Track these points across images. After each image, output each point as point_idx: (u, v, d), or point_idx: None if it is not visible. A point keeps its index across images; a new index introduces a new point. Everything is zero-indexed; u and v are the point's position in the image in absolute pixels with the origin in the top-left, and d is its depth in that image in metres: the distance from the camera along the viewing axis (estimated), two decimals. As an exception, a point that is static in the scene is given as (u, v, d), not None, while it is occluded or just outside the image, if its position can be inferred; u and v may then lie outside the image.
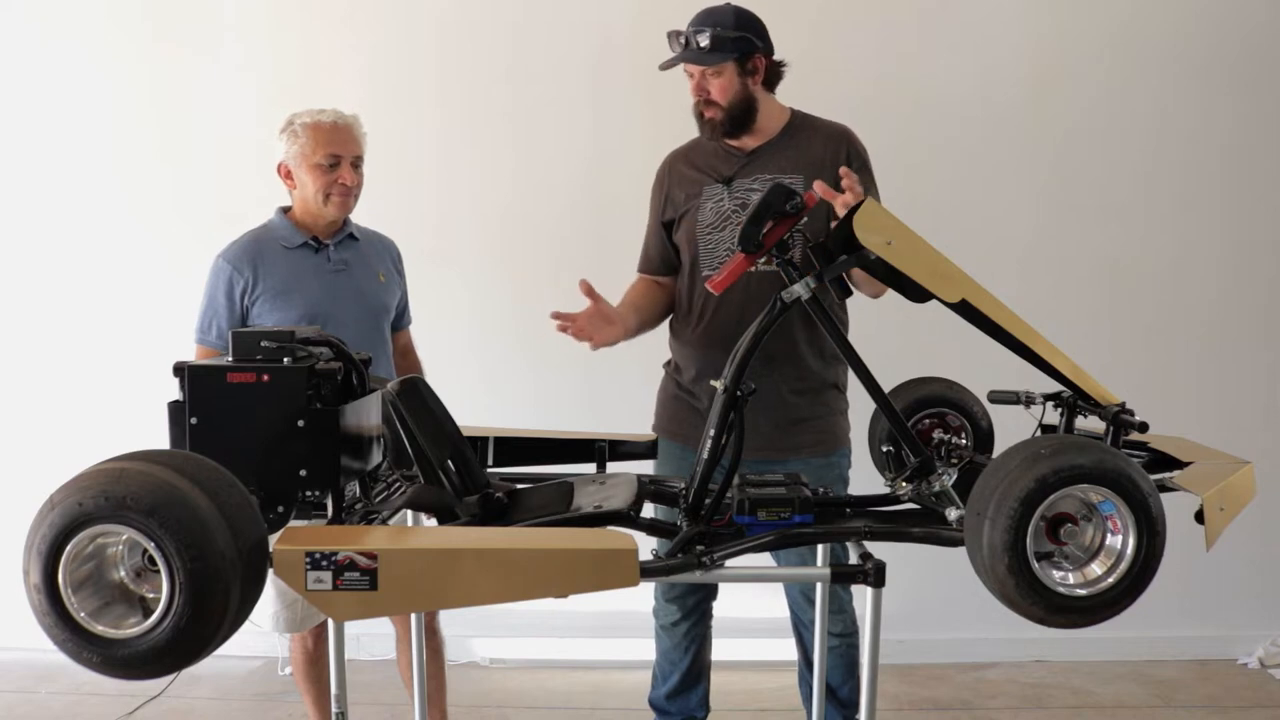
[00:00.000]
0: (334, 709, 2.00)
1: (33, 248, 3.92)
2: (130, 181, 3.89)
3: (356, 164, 2.68)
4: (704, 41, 2.47)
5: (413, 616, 2.61)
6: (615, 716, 3.50)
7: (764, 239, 1.87)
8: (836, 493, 2.53)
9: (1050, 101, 3.80)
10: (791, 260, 1.91)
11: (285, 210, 2.74)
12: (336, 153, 2.63)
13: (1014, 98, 3.80)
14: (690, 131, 2.69)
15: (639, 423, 2.73)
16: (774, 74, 2.60)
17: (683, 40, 2.50)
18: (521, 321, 3.88)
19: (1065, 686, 3.71)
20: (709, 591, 2.81)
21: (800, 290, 1.89)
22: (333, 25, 3.84)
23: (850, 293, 1.95)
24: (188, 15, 3.84)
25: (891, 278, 1.91)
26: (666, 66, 2.55)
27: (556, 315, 2.37)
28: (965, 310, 1.87)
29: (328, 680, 2.44)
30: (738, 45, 2.49)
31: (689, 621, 2.79)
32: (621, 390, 3.75)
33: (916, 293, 1.89)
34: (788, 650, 2.91)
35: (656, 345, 2.82)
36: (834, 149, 2.57)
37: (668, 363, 2.79)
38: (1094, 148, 3.82)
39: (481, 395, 3.37)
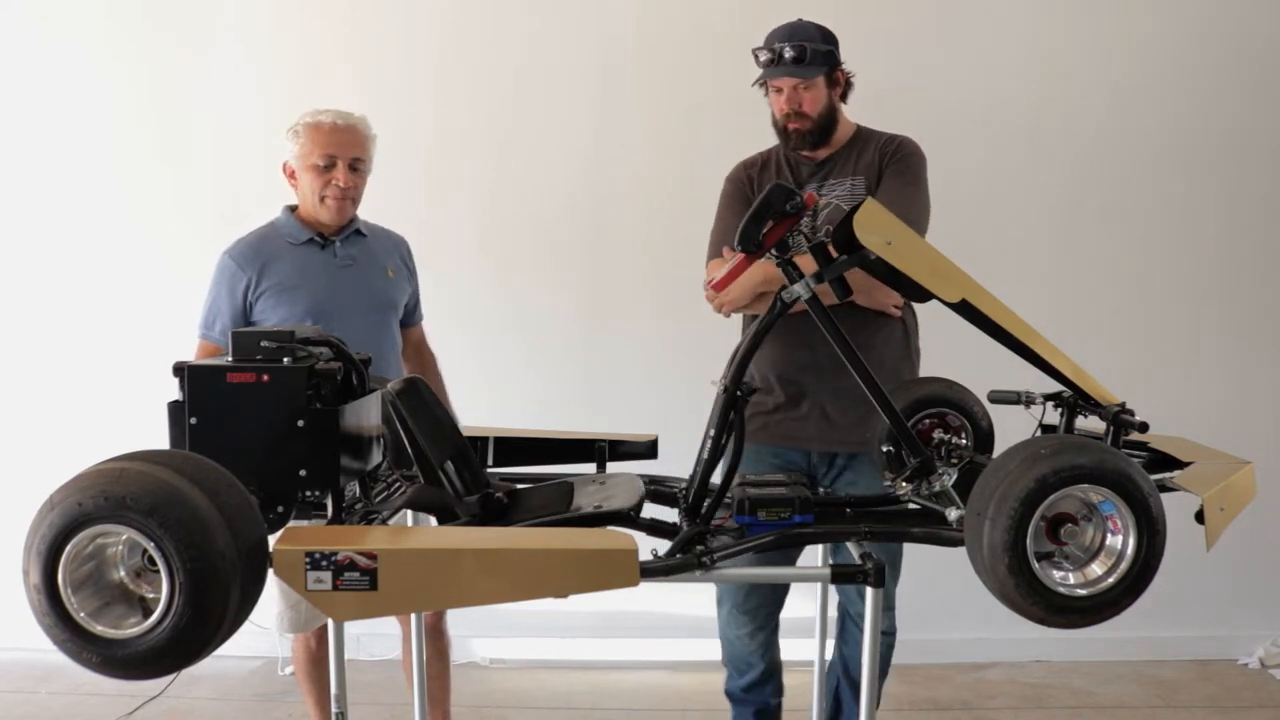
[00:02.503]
0: (334, 709, 2.01)
1: (33, 248, 3.92)
2: (130, 181, 3.89)
3: (356, 166, 2.66)
4: (798, 56, 2.51)
5: (413, 616, 2.61)
6: (615, 716, 3.50)
7: (764, 239, 1.87)
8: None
9: (1061, 109, 3.80)
10: (792, 260, 1.92)
11: (292, 209, 2.74)
12: (332, 153, 2.62)
13: (1023, 105, 3.79)
14: (687, 133, 2.70)
15: (639, 423, 2.73)
16: (849, 87, 2.67)
17: (774, 55, 2.53)
18: (521, 321, 3.88)
19: (1065, 686, 3.71)
20: (779, 604, 2.79)
21: (800, 290, 1.89)
22: (333, 25, 3.84)
23: (850, 292, 1.94)
24: (187, 15, 3.84)
25: (892, 277, 1.91)
26: (761, 80, 2.59)
27: None
28: (965, 310, 1.86)
29: (330, 680, 2.44)
30: (827, 59, 2.55)
31: (764, 631, 2.78)
32: (621, 390, 3.77)
33: (916, 292, 1.89)
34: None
35: (657, 346, 2.81)
36: (883, 152, 2.63)
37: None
38: (1104, 156, 3.81)
39: (481, 395, 3.36)
